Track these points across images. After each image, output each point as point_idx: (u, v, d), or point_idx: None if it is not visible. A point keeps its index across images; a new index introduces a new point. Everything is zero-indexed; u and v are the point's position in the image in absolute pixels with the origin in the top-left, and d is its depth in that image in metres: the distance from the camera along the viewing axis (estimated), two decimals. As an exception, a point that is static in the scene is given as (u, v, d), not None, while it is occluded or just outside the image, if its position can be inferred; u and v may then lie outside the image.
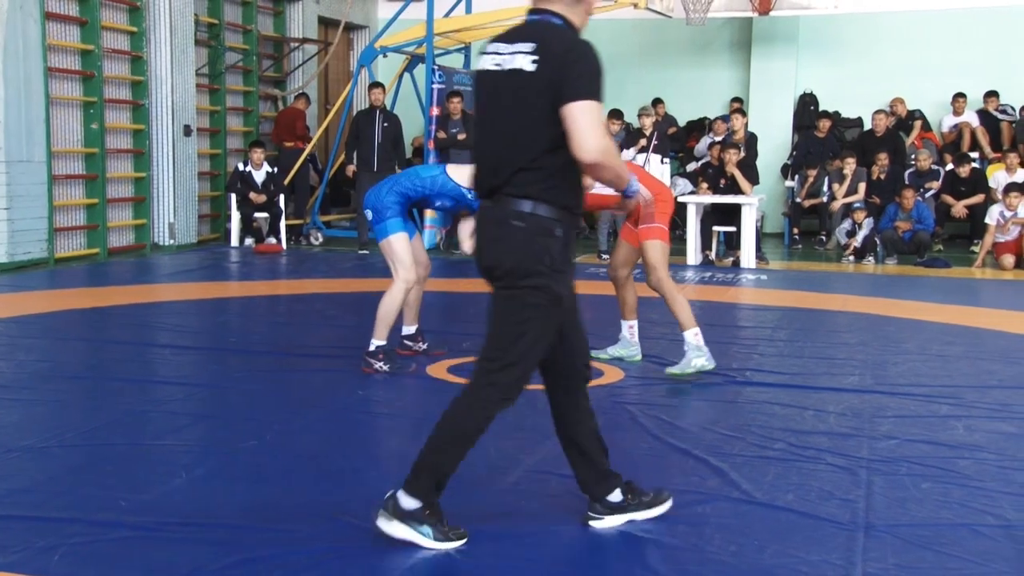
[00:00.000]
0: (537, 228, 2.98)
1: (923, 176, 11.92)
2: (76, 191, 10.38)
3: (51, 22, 9.84)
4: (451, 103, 11.24)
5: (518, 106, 2.98)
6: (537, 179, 2.98)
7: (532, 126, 2.96)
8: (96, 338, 6.43)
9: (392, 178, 5.60)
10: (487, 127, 3.10)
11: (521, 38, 3.02)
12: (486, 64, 3.09)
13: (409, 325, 5.83)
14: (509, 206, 3.00)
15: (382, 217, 5.35)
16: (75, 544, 3.05)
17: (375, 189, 5.50)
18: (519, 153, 2.98)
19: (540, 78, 2.93)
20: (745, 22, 13.93)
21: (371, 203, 5.42)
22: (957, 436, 4.34)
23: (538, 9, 3.07)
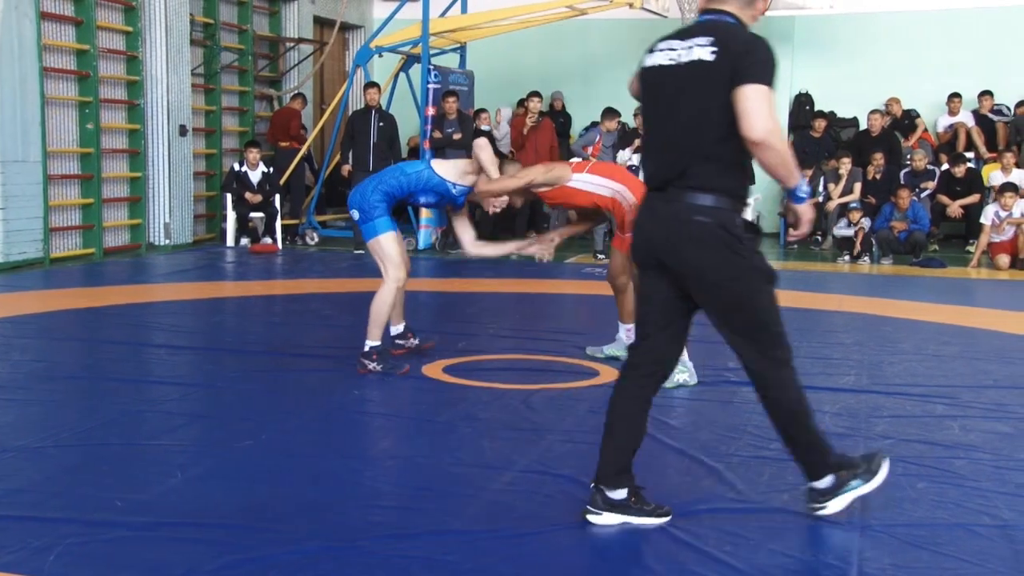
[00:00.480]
0: (722, 221, 3.09)
1: (918, 176, 11.94)
2: (71, 191, 10.36)
3: (46, 22, 9.82)
4: (446, 103, 11.24)
5: (696, 96, 3.08)
6: (714, 171, 3.09)
7: (710, 114, 3.07)
8: (92, 338, 6.42)
9: (376, 176, 5.56)
10: (661, 119, 3.18)
11: (696, 34, 3.14)
12: (658, 60, 3.18)
13: (396, 324, 5.81)
14: (689, 200, 3.10)
15: (370, 216, 5.33)
16: (71, 544, 3.04)
17: (360, 188, 5.47)
18: (698, 142, 3.09)
19: (719, 67, 3.04)
20: (741, 22, 13.92)
21: (356, 203, 5.40)
22: (953, 436, 4.34)
23: (711, 9, 3.20)
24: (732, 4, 3.19)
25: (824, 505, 3.28)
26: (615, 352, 5.80)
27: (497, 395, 4.98)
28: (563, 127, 13.87)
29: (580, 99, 14.56)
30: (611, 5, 11.41)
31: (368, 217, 5.33)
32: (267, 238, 11.61)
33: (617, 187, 5.35)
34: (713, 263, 3.10)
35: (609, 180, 5.35)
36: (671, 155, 3.14)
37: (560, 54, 14.79)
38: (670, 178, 3.13)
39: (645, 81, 3.25)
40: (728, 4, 3.19)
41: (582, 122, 14.11)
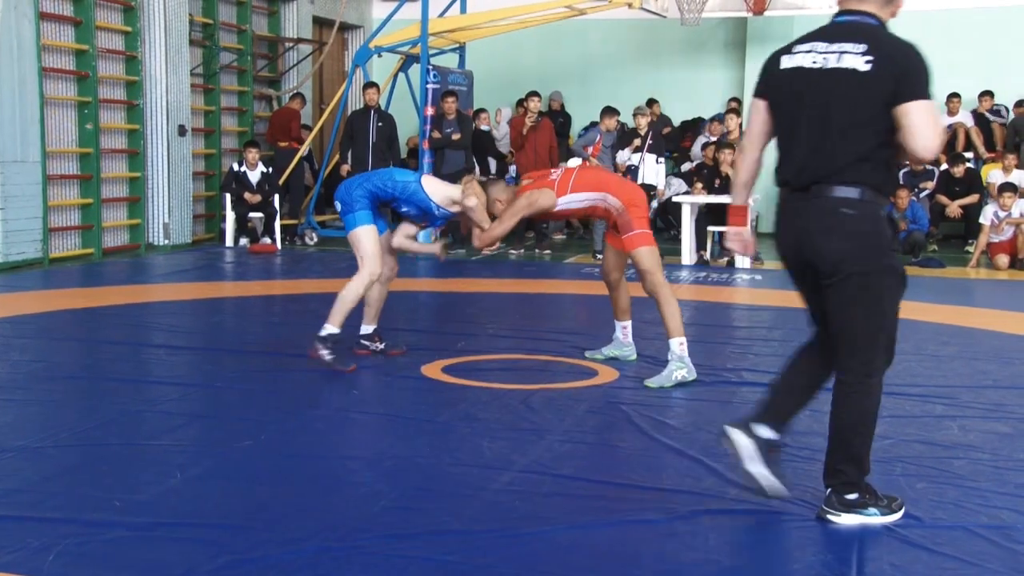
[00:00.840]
0: (867, 214, 3.13)
1: (917, 176, 11.95)
2: (71, 191, 10.36)
3: (45, 22, 9.82)
4: (446, 103, 11.24)
5: (851, 103, 3.11)
6: (866, 170, 3.12)
7: (866, 122, 3.10)
8: (91, 338, 6.42)
9: (364, 175, 5.64)
10: (809, 123, 3.19)
11: (843, 38, 3.16)
12: (799, 62, 3.20)
13: (368, 324, 5.80)
14: (836, 194, 3.12)
15: (351, 209, 5.40)
16: (70, 544, 3.04)
17: (347, 183, 5.55)
18: (850, 147, 3.12)
19: (878, 79, 3.07)
20: (740, 22, 13.95)
21: (340, 196, 5.49)
22: (952, 436, 4.34)
23: (851, 10, 3.22)
24: (871, 3, 3.22)
25: (839, 515, 3.27)
26: (614, 353, 5.80)
27: (496, 395, 4.98)
28: (562, 127, 13.87)
29: (579, 99, 14.56)
30: (610, 5, 11.41)
31: (349, 209, 5.39)
32: (266, 238, 11.61)
33: (600, 195, 5.37)
34: (852, 253, 3.13)
35: (593, 192, 5.37)
36: (820, 158, 3.16)
37: (559, 54, 14.79)
38: (818, 178, 3.17)
39: (783, 83, 3.26)
40: (867, 4, 3.22)
41: (581, 122, 14.11)
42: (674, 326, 5.29)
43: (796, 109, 3.22)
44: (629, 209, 5.31)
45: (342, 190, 5.51)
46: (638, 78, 14.50)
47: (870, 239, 3.14)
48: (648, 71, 14.56)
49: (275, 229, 11.64)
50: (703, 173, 11.05)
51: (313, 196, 12.51)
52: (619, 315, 5.78)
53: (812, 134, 3.18)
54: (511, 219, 5.42)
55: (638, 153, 10.86)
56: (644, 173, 10.88)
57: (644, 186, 10.93)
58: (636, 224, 5.34)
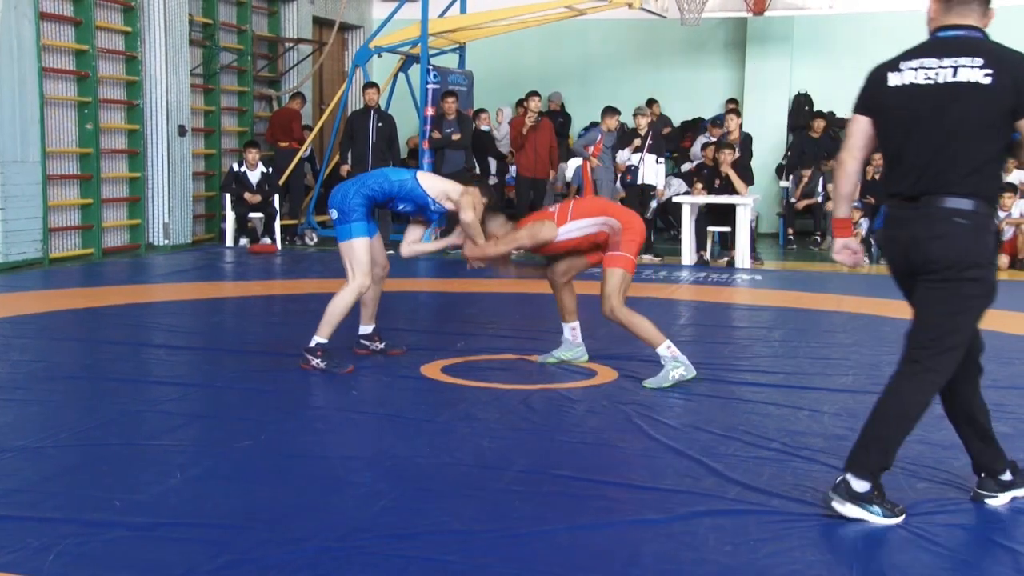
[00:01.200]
0: (979, 224, 3.21)
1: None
2: (71, 191, 10.36)
3: (45, 22, 9.82)
4: (446, 103, 11.24)
5: (969, 116, 3.18)
6: (978, 181, 3.19)
7: (984, 134, 3.19)
8: (91, 338, 6.42)
9: (359, 178, 5.57)
10: (918, 136, 3.26)
11: (955, 52, 3.23)
12: (911, 78, 3.27)
13: (366, 324, 5.80)
14: (949, 204, 3.20)
15: (347, 219, 5.33)
16: (70, 544, 3.04)
17: (341, 188, 5.46)
18: (965, 159, 3.19)
19: (999, 90, 3.15)
20: (739, 22, 13.95)
21: (336, 203, 5.39)
22: (951, 436, 4.32)
23: (954, 25, 3.30)
24: (973, 16, 3.31)
25: (844, 504, 3.30)
26: (565, 356, 5.67)
27: (496, 395, 4.98)
28: (562, 127, 13.87)
29: (579, 99, 14.57)
30: (610, 5, 11.41)
31: (346, 219, 5.33)
32: (266, 238, 11.61)
33: (603, 220, 5.30)
34: (957, 259, 3.20)
35: (594, 217, 5.30)
36: (935, 170, 3.23)
37: (559, 54, 14.80)
38: (931, 190, 3.23)
39: (894, 99, 3.31)
40: (969, 17, 3.30)
41: (581, 122, 14.12)
42: (651, 337, 5.22)
43: (909, 124, 3.28)
44: (625, 231, 5.24)
45: (338, 197, 5.41)
46: (638, 78, 14.50)
47: (977, 247, 3.22)
48: (648, 71, 14.56)
49: (275, 229, 11.64)
50: (703, 173, 11.05)
51: (313, 196, 12.51)
52: (566, 316, 5.66)
53: (926, 147, 3.25)
54: (508, 245, 5.38)
55: (638, 153, 10.86)
56: (644, 173, 10.88)
57: (643, 186, 10.97)
58: (625, 247, 5.24)
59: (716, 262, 10.67)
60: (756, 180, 11.22)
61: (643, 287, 8.88)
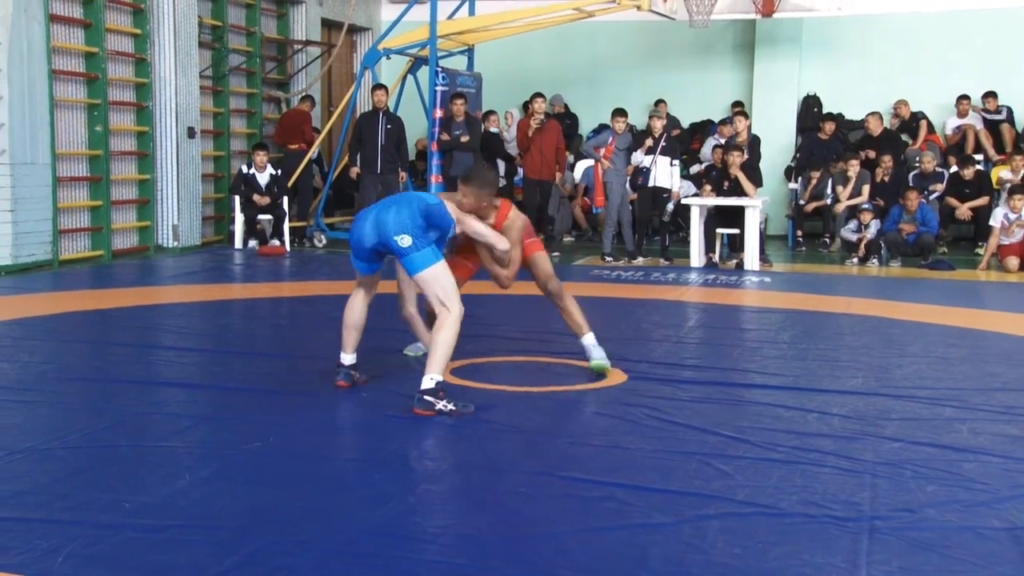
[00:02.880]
0: None
1: (927, 178, 11.91)
2: (80, 193, 10.39)
3: (55, 24, 9.85)
4: (454, 105, 11.24)
5: None
6: None
7: None
8: (100, 340, 6.43)
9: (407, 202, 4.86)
10: None
11: None
12: None
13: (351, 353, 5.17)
14: None
15: (422, 245, 4.71)
16: (78, 546, 3.05)
17: (398, 213, 4.75)
18: None
19: None
20: (748, 24, 13.93)
21: (407, 228, 4.71)
22: (962, 439, 4.33)
23: None
24: None
25: None
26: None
27: (504, 397, 4.98)
28: (570, 128, 13.86)
29: (587, 101, 14.56)
30: (619, 7, 11.39)
31: (421, 245, 4.70)
32: (275, 240, 11.62)
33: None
34: None
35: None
36: None
37: (568, 56, 14.79)
38: None
39: None
40: None
41: (589, 124, 14.10)
42: (580, 324, 5.46)
43: None
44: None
45: (407, 221, 4.70)
46: (647, 80, 14.48)
47: None
48: (657, 73, 14.55)
49: (284, 231, 11.66)
50: (712, 175, 11.03)
51: (322, 198, 12.53)
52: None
53: None
54: (517, 249, 5.32)
55: (650, 155, 10.84)
56: (656, 175, 10.86)
57: (656, 188, 10.94)
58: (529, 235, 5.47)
59: (725, 264, 10.65)
60: (765, 182, 11.19)
61: (652, 289, 8.87)
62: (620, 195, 10.89)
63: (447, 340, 4.66)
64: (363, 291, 5.18)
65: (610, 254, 10.91)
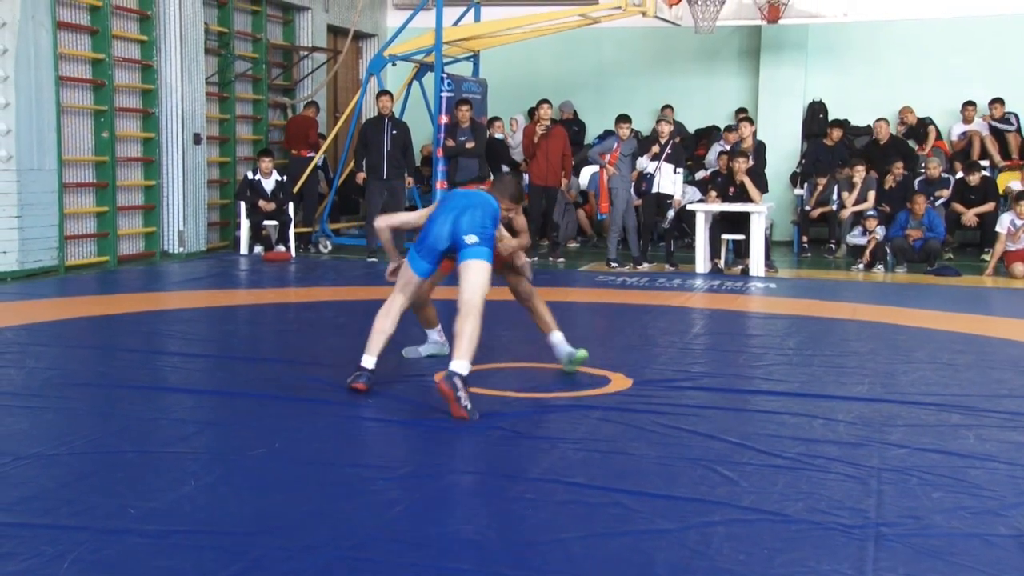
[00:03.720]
0: None
1: (933, 184, 11.89)
2: (86, 199, 10.42)
3: (62, 31, 9.89)
4: (460, 111, 11.26)
5: None
6: None
7: None
8: (106, 346, 6.44)
9: (480, 203, 5.15)
10: None
11: None
12: None
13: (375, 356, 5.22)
14: None
15: (483, 244, 4.99)
16: (84, 551, 3.05)
17: (471, 216, 5.02)
18: None
19: None
20: (754, 30, 13.94)
21: (476, 229, 4.99)
22: (968, 445, 4.32)
23: None
24: None
25: None
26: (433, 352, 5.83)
27: (509, 403, 4.98)
28: (577, 135, 13.87)
29: (593, 107, 14.57)
30: (624, 14, 11.41)
31: (484, 243, 4.98)
32: (280, 246, 11.64)
33: None
34: None
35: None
36: None
37: (573, 63, 14.81)
38: None
39: None
40: None
41: (596, 130, 14.11)
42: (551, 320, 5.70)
43: None
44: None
45: (477, 225, 4.99)
46: (652, 86, 14.49)
47: None
48: (662, 79, 14.56)
49: (289, 237, 11.68)
50: (717, 181, 11.03)
51: (327, 204, 12.55)
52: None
53: None
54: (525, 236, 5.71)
55: (655, 161, 10.85)
56: (660, 182, 10.86)
57: (659, 195, 10.94)
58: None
59: (730, 270, 10.64)
60: (770, 188, 11.19)
61: (658, 295, 8.87)
62: (625, 201, 10.90)
63: (476, 329, 4.83)
64: (403, 298, 5.28)
65: (615, 260, 10.91)
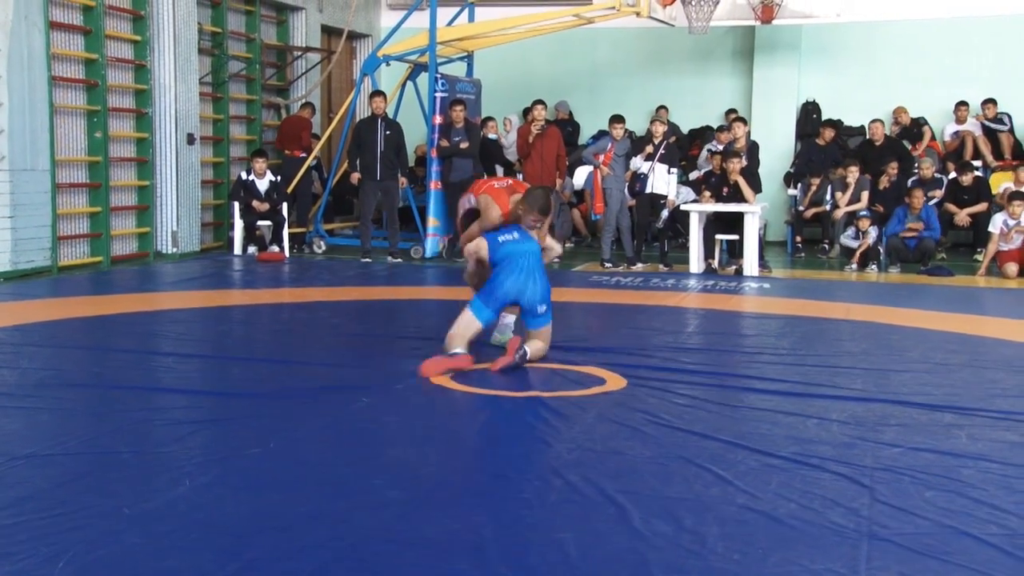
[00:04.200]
0: None
1: (926, 184, 11.92)
2: (79, 199, 10.40)
3: (55, 31, 9.87)
4: (454, 111, 11.26)
5: None
6: None
7: None
8: (99, 346, 6.44)
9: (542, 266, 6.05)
10: None
11: None
12: None
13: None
14: None
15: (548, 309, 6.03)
16: (79, 552, 3.05)
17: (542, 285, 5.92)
18: None
19: None
20: (747, 31, 13.97)
21: (545, 298, 5.96)
22: (960, 445, 4.33)
23: None
24: None
25: None
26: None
27: (505, 403, 4.98)
28: (571, 136, 13.87)
29: (588, 107, 14.58)
30: (618, 14, 11.42)
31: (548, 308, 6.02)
32: (274, 246, 11.63)
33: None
34: None
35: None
36: None
37: (567, 63, 14.82)
38: None
39: None
40: None
41: (590, 130, 14.13)
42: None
43: None
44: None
45: (544, 289, 5.95)
46: (646, 87, 14.51)
47: None
48: (656, 79, 14.58)
49: (283, 237, 11.67)
50: (711, 181, 11.05)
51: (321, 204, 12.54)
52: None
53: None
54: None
55: (649, 161, 10.86)
56: (654, 182, 10.87)
57: (653, 195, 10.96)
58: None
59: (724, 270, 10.66)
60: (764, 188, 11.21)
61: (652, 295, 8.88)
62: (619, 201, 10.91)
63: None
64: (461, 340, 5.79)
65: (609, 260, 10.92)
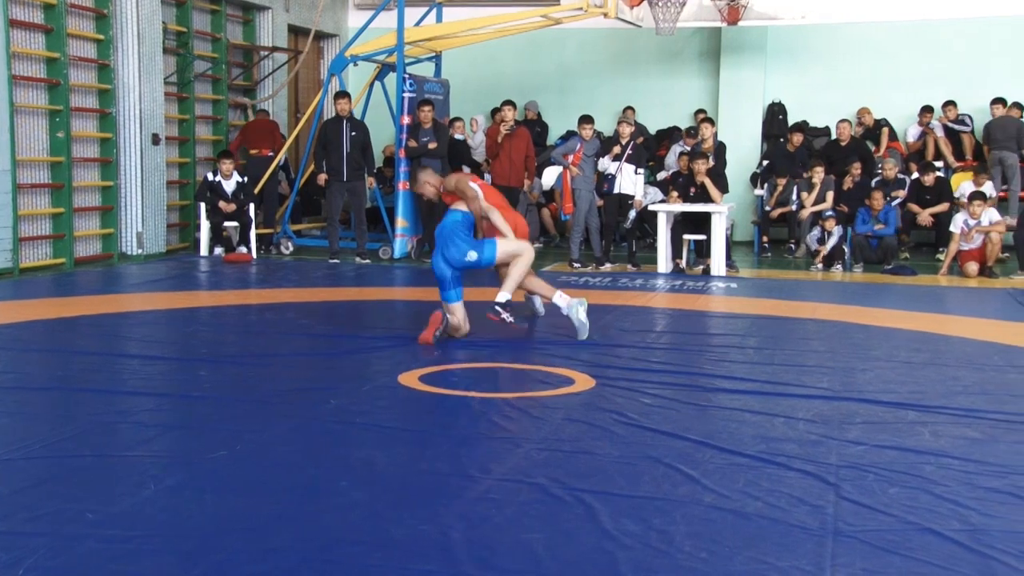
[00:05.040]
0: None
1: (889, 185, 12.06)
2: (42, 200, 10.27)
3: (15, 29, 9.75)
4: (422, 112, 11.24)
5: None
6: None
7: None
8: (63, 349, 6.36)
9: (452, 232, 6.74)
10: None
11: None
12: None
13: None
14: None
15: (479, 247, 6.78)
16: (41, 558, 3.01)
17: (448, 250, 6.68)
18: None
19: None
20: (714, 32, 14.05)
21: (464, 251, 6.71)
22: (924, 442, 4.39)
23: None
24: None
25: None
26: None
27: (473, 404, 4.98)
28: (540, 136, 13.89)
29: (556, 108, 14.62)
30: (586, 15, 11.45)
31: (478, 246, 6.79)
32: (241, 247, 11.55)
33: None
34: None
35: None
36: None
37: (536, 64, 14.85)
38: None
39: None
40: None
41: (559, 131, 14.15)
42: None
43: None
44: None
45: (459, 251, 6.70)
46: (614, 87, 14.57)
47: None
48: (624, 80, 14.63)
49: (250, 238, 11.59)
50: (678, 182, 11.10)
51: (289, 205, 12.47)
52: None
53: None
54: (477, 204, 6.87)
55: (616, 161, 10.89)
56: (621, 182, 10.91)
57: (621, 195, 11.00)
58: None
59: (692, 270, 10.71)
60: (731, 188, 11.28)
61: (620, 295, 8.91)
62: (588, 201, 10.94)
63: (520, 271, 6.71)
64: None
65: (578, 260, 10.95)
